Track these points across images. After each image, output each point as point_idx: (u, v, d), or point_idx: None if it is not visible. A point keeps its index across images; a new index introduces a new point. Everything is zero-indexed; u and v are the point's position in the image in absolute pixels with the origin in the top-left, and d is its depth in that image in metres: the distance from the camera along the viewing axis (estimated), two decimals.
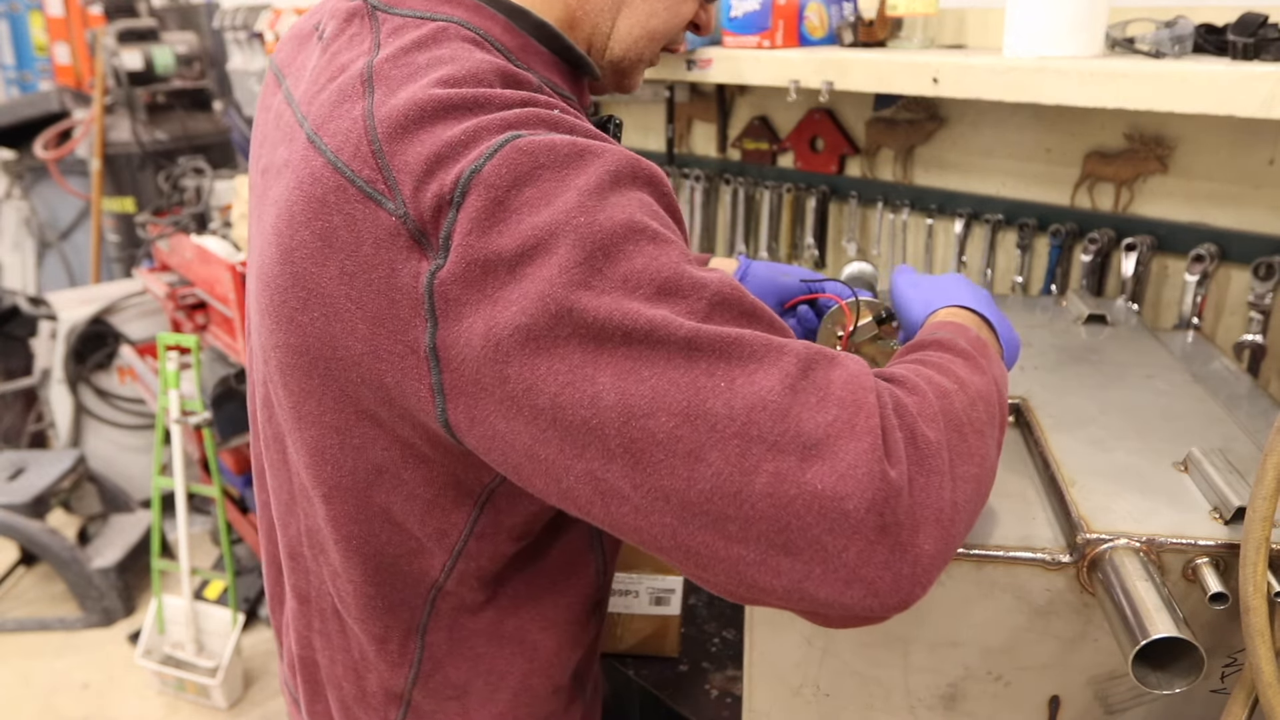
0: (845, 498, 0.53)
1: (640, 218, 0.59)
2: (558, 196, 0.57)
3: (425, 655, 0.79)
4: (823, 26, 1.53)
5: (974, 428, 0.64)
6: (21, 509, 2.81)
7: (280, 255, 0.66)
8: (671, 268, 0.58)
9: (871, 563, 0.54)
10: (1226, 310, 1.30)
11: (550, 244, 0.56)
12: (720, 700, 1.11)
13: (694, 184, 1.92)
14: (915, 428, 0.58)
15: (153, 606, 2.61)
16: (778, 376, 0.55)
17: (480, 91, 0.62)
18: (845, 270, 1.21)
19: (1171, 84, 1.06)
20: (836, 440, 0.54)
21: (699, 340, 0.56)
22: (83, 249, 4.19)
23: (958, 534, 0.60)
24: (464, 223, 0.57)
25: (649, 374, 0.55)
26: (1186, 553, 0.72)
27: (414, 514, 0.72)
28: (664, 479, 0.55)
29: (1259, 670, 0.67)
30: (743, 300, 0.60)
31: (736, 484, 0.54)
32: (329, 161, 0.63)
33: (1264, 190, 1.24)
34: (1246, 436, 0.88)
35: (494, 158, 0.58)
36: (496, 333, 0.57)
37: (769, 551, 0.54)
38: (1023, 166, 1.48)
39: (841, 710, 0.85)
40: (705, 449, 0.54)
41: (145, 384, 3.20)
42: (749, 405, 0.54)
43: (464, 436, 0.62)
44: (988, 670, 0.80)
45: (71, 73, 4.53)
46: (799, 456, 0.54)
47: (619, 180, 0.60)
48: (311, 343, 0.66)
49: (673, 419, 0.54)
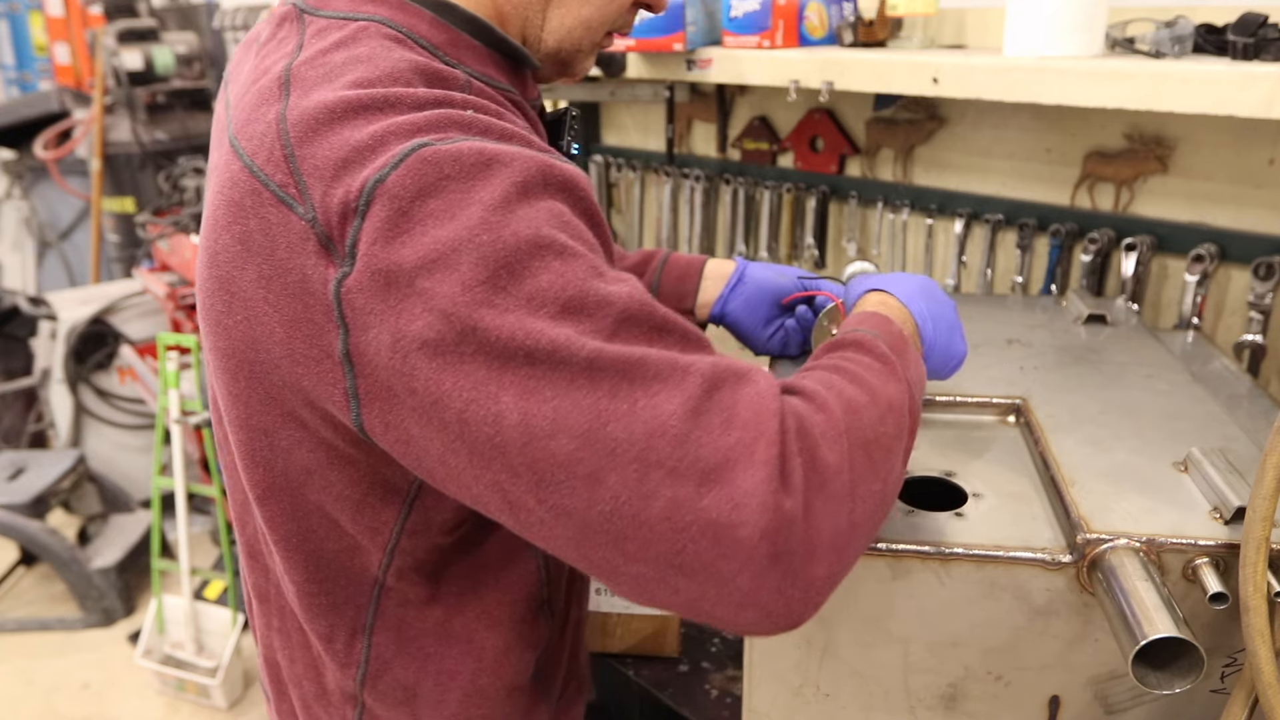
0: (739, 525, 0.53)
1: (546, 231, 0.58)
2: (462, 209, 0.57)
3: (372, 655, 0.79)
4: (823, 26, 1.53)
5: (881, 444, 0.64)
6: (21, 509, 2.81)
7: (207, 259, 0.67)
8: (577, 284, 0.57)
9: (764, 589, 0.55)
10: (1226, 310, 1.30)
11: (453, 259, 0.56)
12: (720, 700, 1.11)
13: (694, 184, 1.92)
14: (817, 452, 0.58)
15: (153, 606, 2.61)
16: (680, 399, 0.55)
17: (391, 91, 0.62)
18: (846, 270, 1.21)
19: (1171, 84, 1.06)
20: (734, 467, 0.54)
21: (601, 361, 0.55)
22: (83, 249, 4.19)
23: (854, 553, 0.61)
24: (369, 232, 0.57)
25: (550, 395, 0.55)
26: (1186, 553, 0.72)
27: (345, 513, 0.72)
28: (565, 498, 0.56)
29: (1259, 670, 0.67)
30: (652, 315, 0.59)
31: (634, 507, 0.54)
32: (245, 165, 0.63)
33: (1264, 190, 1.24)
34: (1246, 436, 0.88)
35: (399, 167, 0.57)
36: (403, 345, 0.57)
37: (666, 571, 0.55)
38: (1023, 166, 1.48)
39: (841, 710, 0.85)
40: (604, 472, 0.54)
41: (145, 384, 3.20)
42: (648, 430, 0.54)
43: (379, 440, 0.63)
44: (988, 670, 0.80)
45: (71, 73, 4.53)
46: (696, 483, 0.54)
47: (527, 190, 0.59)
48: (236, 346, 0.66)
49: (573, 441, 0.55)
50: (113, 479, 3.20)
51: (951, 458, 0.90)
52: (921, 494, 0.85)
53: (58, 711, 2.58)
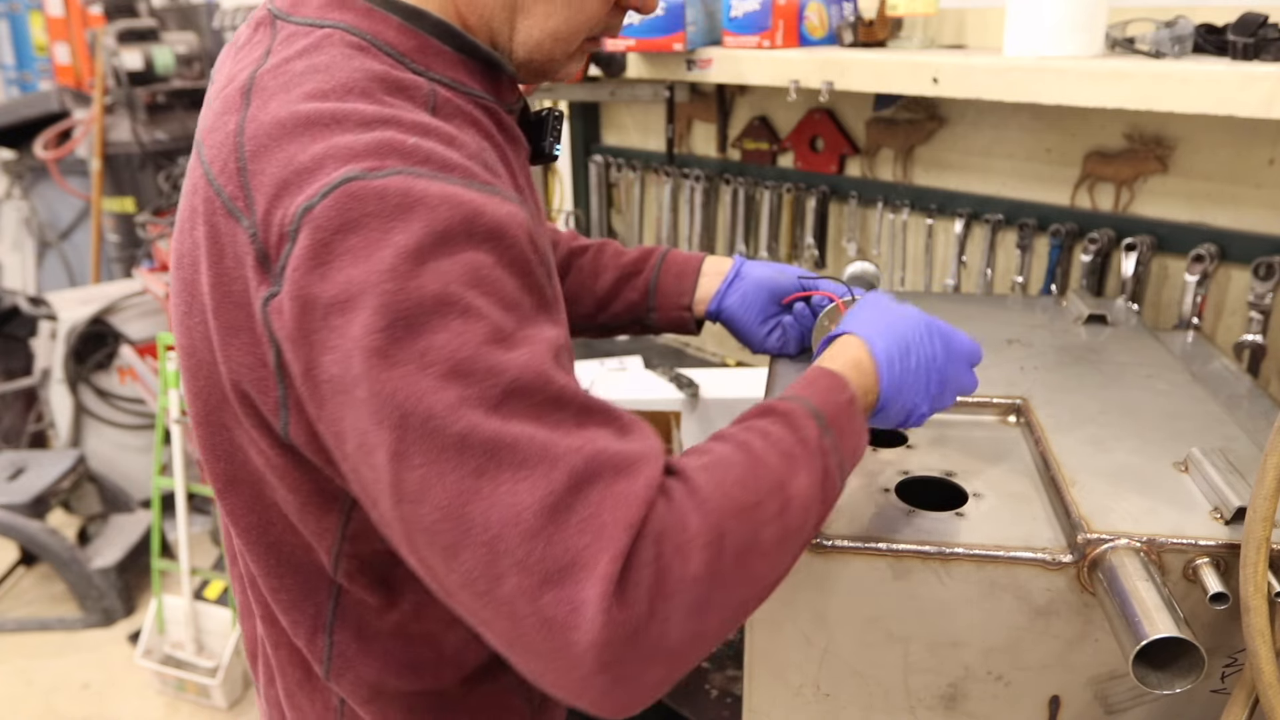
0: (572, 629, 0.54)
1: (454, 289, 0.57)
2: (376, 251, 0.57)
3: (335, 652, 0.79)
4: (823, 26, 1.53)
5: (762, 548, 0.63)
6: (21, 509, 2.81)
7: (174, 261, 0.70)
8: (470, 349, 0.56)
9: (594, 687, 0.56)
10: (1226, 310, 1.30)
11: (358, 303, 0.56)
12: (720, 700, 1.11)
13: (694, 184, 1.92)
14: (673, 563, 0.57)
15: (153, 606, 2.61)
16: (541, 492, 0.55)
17: (342, 107, 0.62)
18: (847, 270, 1.21)
19: (1171, 84, 1.06)
20: (577, 573, 0.55)
21: (470, 439, 0.55)
22: (83, 249, 4.19)
23: (697, 657, 0.61)
24: (295, 258, 0.58)
25: (419, 462, 0.56)
26: (1187, 553, 0.72)
27: (292, 515, 0.73)
28: (427, 558, 0.58)
29: (1259, 670, 0.67)
30: (546, 386, 0.58)
31: (483, 585, 0.56)
32: (205, 172, 0.65)
33: (1264, 190, 1.24)
34: (1246, 436, 0.88)
35: (327, 198, 0.58)
36: (314, 375, 0.59)
37: (509, 647, 0.58)
38: (1023, 166, 1.48)
39: (841, 710, 0.85)
40: (460, 548, 0.56)
41: (145, 384, 3.20)
42: (503, 519, 0.55)
43: (304, 450, 0.66)
44: (988, 670, 0.80)
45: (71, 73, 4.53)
46: (539, 579, 0.55)
47: (446, 239, 0.58)
48: (196, 345, 0.69)
49: (435, 512, 0.56)
50: (113, 479, 3.20)
51: (951, 458, 0.90)
52: (921, 494, 0.85)
53: (58, 711, 2.57)
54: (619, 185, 2.18)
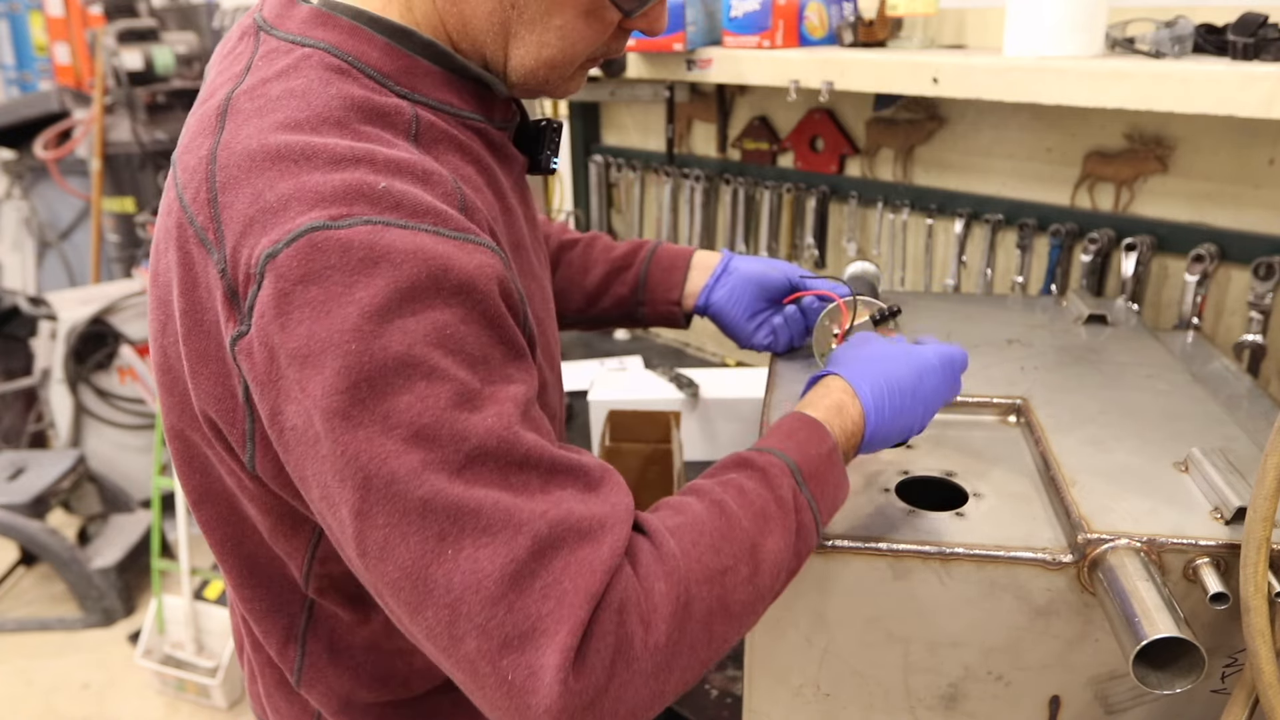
0: (530, 693, 0.55)
1: (418, 350, 0.56)
2: (339, 307, 0.56)
3: (306, 663, 0.79)
4: (823, 26, 1.53)
5: (731, 611, 0.63)
6: (22, 509, 2.81)
7: (151, 276, 0.70)
8: (434, 413, 0.56)
9: None
10: (1226, 310, 1.30)
11: (320, 360, 0.56)
12: (720, 700, 1.11)
13: (694, 184, 1.92)
14: (633, 635, 0.58)
15: (153, 606, 2.61)
16: (503, 559, 0.55)
17: (312, 142, 0.61)
18: (848, 270, 1.21)
19: (1171, 84, 1.06)
20: (536, 640, 0.55)
21: (435, 503, 0.56)
22: (83, 249, 4.19)
23: (658, 708, 0.61)
24: (261, 303, 0.58)
25: (382, 522, 0.56)
26: (1187, 553, 0.72)
27: (264, 533, 0.73)
28: (392, 607, 0.59)
29: (1259, 670, 0.67)
30: (511, 451, 0.58)
31: (444, 643, 0.57)
32: (178, 196, 0.64)
33: (1264, 190, 1.24)
34: (1246, 436, 0.88)
35: (290, 246, 0.57)
36: (279, 421, 0.59)
37: (472, 696, 0.58)
38: (1023, 166, 1.48)
39: (841, 710, 0.85)
40: (422, 607, 0.56)
41: (145, 384, 3.20)
42: (464, 584, 0.55)
43: (270, 482, 0.66)
44: (988, 670, 0.80)
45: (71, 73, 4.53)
46: (499, 644, 0.55)
47: (412, 296, 0.57)
48: (171, 363, 0.69)
49: (397, 571, 0.56)
50: (113, 479, 3.20)
51: (951, 458, 0.90)
52: (921, 494, 0.85)
53: (58, 711, 2.57)
54: (619, 185, 2.18)
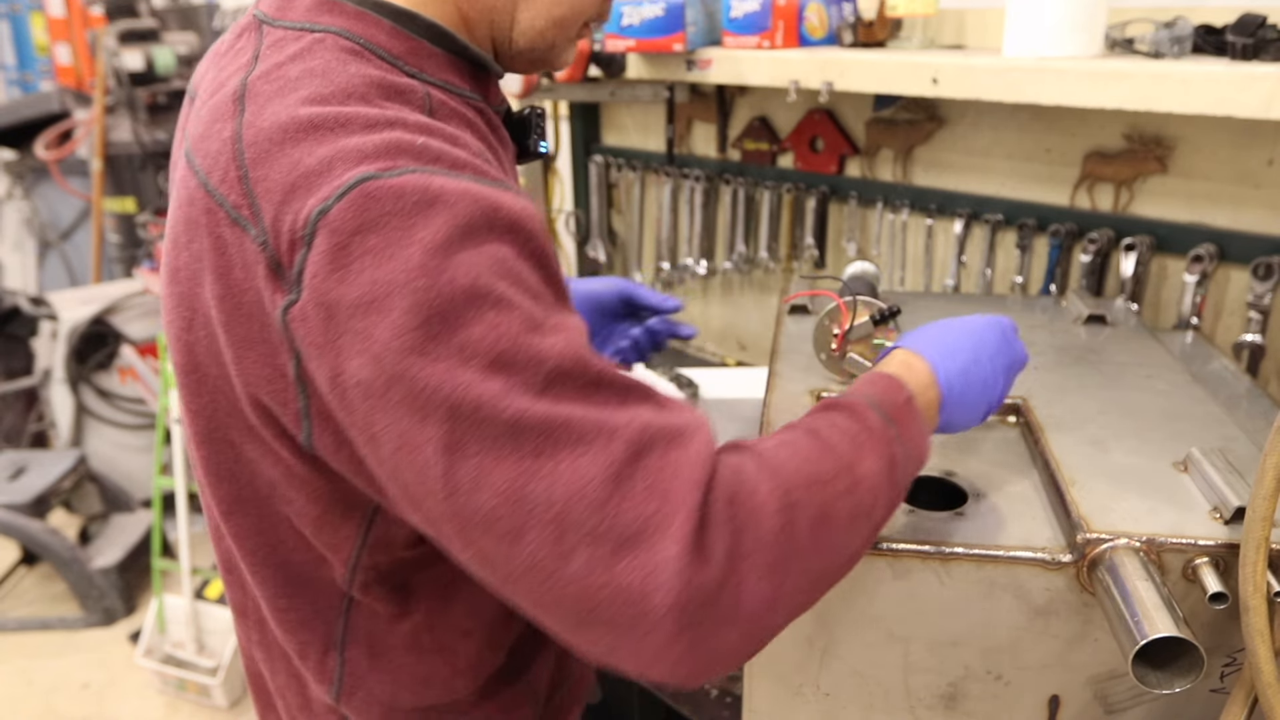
0: (650, 594, 0.54)
1: (485, 280, 0.57)
2: (401, 249, 0.55)
3: (346, 671, 0.78)
4: (823, 27, 1.53)
5: (836, 520, 0.63)
6: (22, 509, 2.81)
7: (168, 277, 0.68)
8: (510, 338, 0.56)
9: (672, 652, 0.56)
10: (1226, 310, 1.30)
11: (388, 303, 0.55)
12: (720, 700, 1.12)
13: (694, 184, 1.92)
14: (747, 523, 0.58)
15: (153, 606, 2.61)
16: (603, 463, 0.55)
17: (344, 111, 0.61)
18: (848, 270, 1.21)
19: (1171, 84, 1.06)
20: (650, 537, 0.54)
21: (525, 421, 0.55)
22: (84, 249, 4.19)
23: (779, 623, 0.61)
24: (313, 263, 0.57)
25: (474, 451, 0.55)
26: (1186, 552, 0.72)
27: (307, 528, 0.71)
28: (486, 548, 0.57)
29: (1258, 670, 0.67)
30: (586, 370, 0.58)
31: (550, 566, 0.55)
32: (201, 183, 0.63)
33: (1263, 190, 1.24)
34: (1246, 436, 0.88)
35: (342, 199, 0.56)
36: (341, 381, 0.57)
37: (580, 625, 0.56)
38: (1022, 166, 1.48)
39: (841, 710, 0.85)
40: (524, 530, 0.55)
41: (146, 384, 3.20)
42: (569, 493, 0.55)
43: (330, 460, 0.64)
44: (988, 670, 0.80)
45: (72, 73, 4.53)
46: (612, 548, 0.54)
47: (470, 232, 0.57)
48: (200, 361, 0.67)
49: (494, 498, 0.55)
50: (113, 479, 3.20)
51: (951, 458, 0.90)
52: (921, 494, 0.85)
53: (58, 711, 2.58)
54: (619, 185, 2.18)
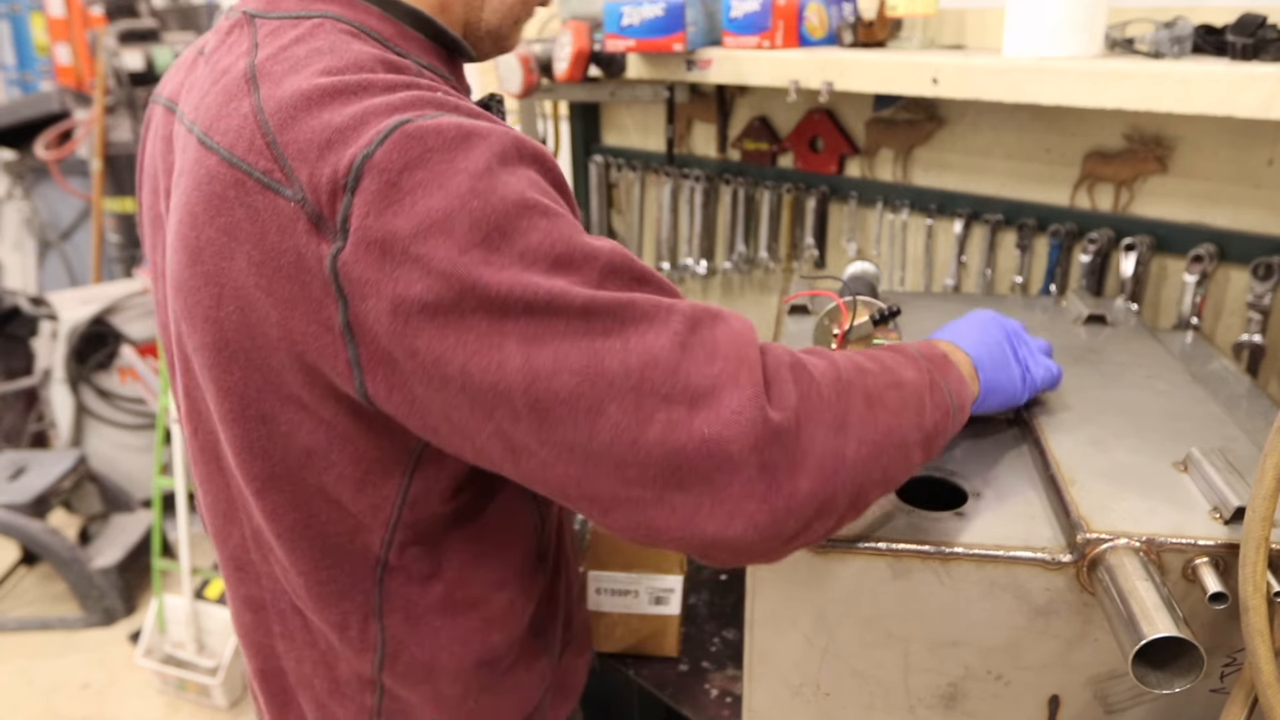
0: (729, 440, 0.59)
1: (530, 194, 0.62)
2: (449, 179, 0.60)
3: (387, 637, 0.81)
4: (823, 27, 1.53)
5: (883, 404, 0.69)
6: (22, 509, 2.81)
7: (189, 258, 0.68)
8: (564, 241, 0.62)
9: (752, 496, 0.60)
10: (1225, 310, 1.30)
11: (447, 224, 0.59)
12: (720, 700, 1.12)
13: (694, 184, 1.92)
14: (807, 385, 0.64)
15: (153, 606, 2.61)
16: (668, 335, 0.61)
17: (364, 77, 0.65)
18: (848, 270, 1.21)
19: (1171, 84, 1.06)
20: (722, 390, 0.60)
21: (594, 306, 0.60)
22: (84, 249, 4.19)
23: (842, 485, 0.65)
24: (360, 205, 0.60)
25: (550, 339, 0.59)
26: (1186, 552, 0.72)
27: (347, 492, 0.74)
28: (568, 433, 0.60)
29: (1258, 670, 0.67)
30: (632, 266, 0.65)
31: (633, 433, 0.60)
32: (223, 159, 0.65)
33: (1263, 190, 1.24)
34: (1246, 436, 0.88)
35: (384, 143, 0.60)
36: (404, 309, 0.60)
37: (664, 490, 0.61)
38: (1022, 167, 1.48)
39: (841, 710, 0.85)
40: (604, 403, 0.59)
41: (146, 384, 3.20)
42: (642, 362, 0.60)
43: (384, 405, 0.66)
44: (988, 670, 0.80)
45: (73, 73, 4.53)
46: (688, 406, 0.60)
47: (506, 159, 0.62)
48: (230, 337, 0.68)
49: (574, 378, 0.59)
50: (113, 479, 3.20)
51: (952, 458, 0.90)
52: (921, 494, 0.85)
53: (58, 711, 2.58)
54: (619, 185, 2.18)
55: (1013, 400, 0.89)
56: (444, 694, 0.84)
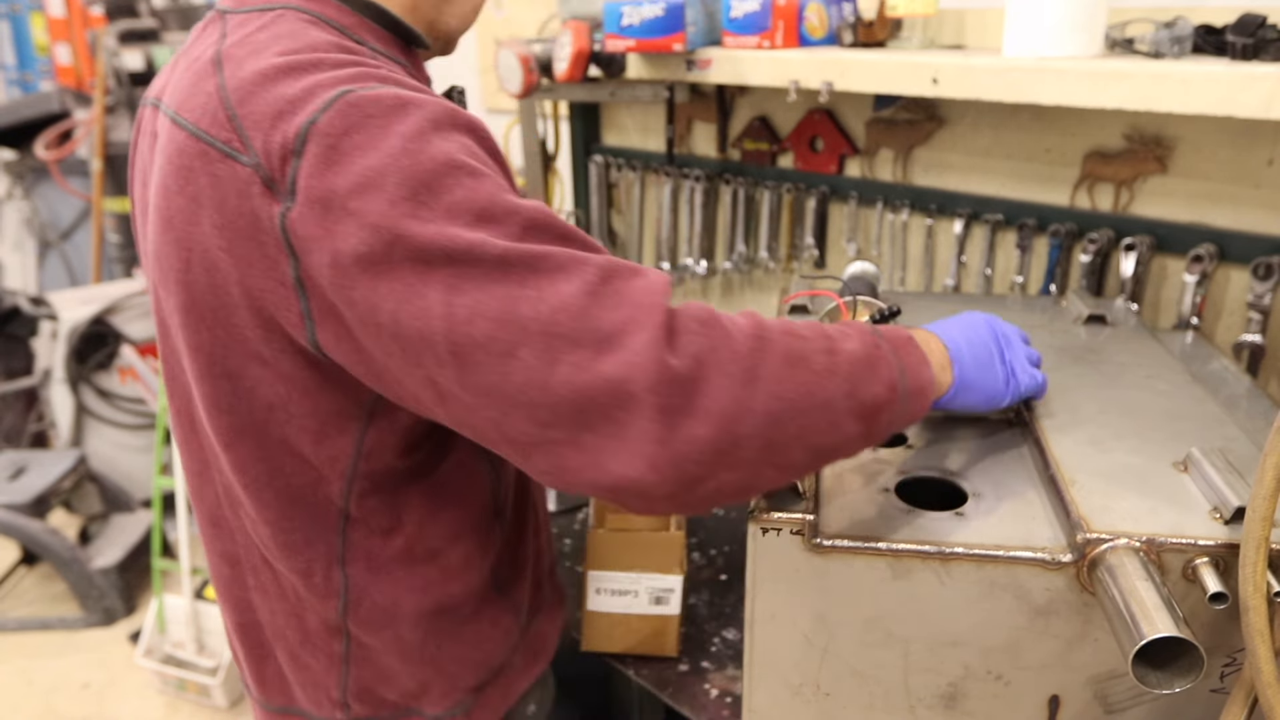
0: (629, 380, 0.62)
1: (458, 156, 0.67)
2: (384, 141, 0.65)
3: (350, 584, 0.85)
4: (823, 27, 1.53)
5: (808, 365, 0.69)
6: (22, 509, 2.81)
7: (163, 226, 0.75)
8: (487, 197, 0.66)
9: (651, 438, 0.62)
10: (1225, 310, 1.30)
11: (379, 181, 0.64)
12: (720, 700, 1.12)
13: (694, 184, 1.92)
14: (717, 338, 0.65)
15: (153, 606, 2.61)
16: (579, 284, 0.64)
17: (316, 56, 0.72)
18: (848, 270, 1.21)
19: (1171, 84, 1.06)
20: (626, 335, 0.63)
21: (510, 256, 0.64)
22: (84, 249, 4.19)
23: (747, 436, 0.65)
24: (305, 168, 0.66)
25: (469, 287, 0.63)
26: (1186, 552, 0.72)
27: (307, 444, 0.79)
28: (485, 377, 0.64)
29: (1259, 670, 0.67)
30: (554, 225, 0.68)
31: (543, 375, 0.63)
32: (191, 133, 0.72)
33: (1263, 190, 1.24)
34: (1246, 436, 0.88)
35: (328, 110, 0.66)
36: (342, 261, 0.65)
37: (574, 431, 0.63)
38: (1022, 166, 1.48)
39: (841, 710, 0.85)
40: (517, 347, 0.63)
41: (146, 384, 3.20)
42: (553, 308, 0.63)
43: (333, 354, 0.71)
44: (988, 670, 0.80)
45: (73, 73, 4.53)
46: (594, 349, 0.63)
47: (439, 125, 0.68)
48: (198, 297, 0.74)
49: (489, 324, 0.63)
50: (113, 479, 3.20)
51: (951, 458, 0.91)
52: (921, 494, 0.85)
53: (58, 711, 2.58)
54: (619, 185, 2.18)
55: (994, 401, 0.87)
56: (405, 639, 0.88)
